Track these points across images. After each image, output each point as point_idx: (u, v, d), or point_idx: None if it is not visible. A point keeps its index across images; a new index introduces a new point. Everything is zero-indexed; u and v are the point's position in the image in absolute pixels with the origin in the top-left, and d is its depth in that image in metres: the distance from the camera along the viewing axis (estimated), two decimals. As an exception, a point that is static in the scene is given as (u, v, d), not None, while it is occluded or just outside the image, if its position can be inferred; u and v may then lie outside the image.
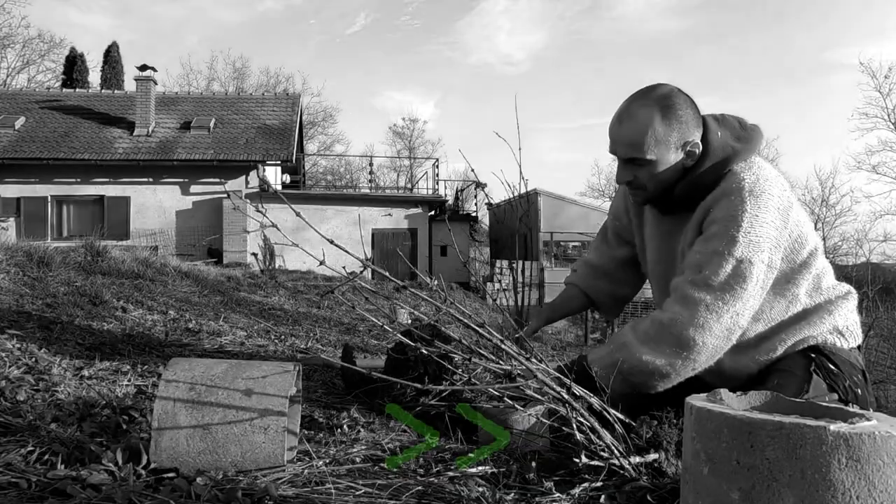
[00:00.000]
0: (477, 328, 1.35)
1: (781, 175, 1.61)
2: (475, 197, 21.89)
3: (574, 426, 1.27)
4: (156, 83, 18.50)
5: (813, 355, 1.61)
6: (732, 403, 1.04)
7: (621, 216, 1.97)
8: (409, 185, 35.55)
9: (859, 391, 1.59)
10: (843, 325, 1.64)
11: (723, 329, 1.49)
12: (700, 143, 1.59)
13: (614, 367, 1.53)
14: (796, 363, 1.60)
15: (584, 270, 2.08)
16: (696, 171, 1.59)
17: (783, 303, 1.62)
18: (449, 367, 1.53)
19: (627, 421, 1.38)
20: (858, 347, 1.71)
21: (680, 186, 1.62)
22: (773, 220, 1.51)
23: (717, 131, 1.61)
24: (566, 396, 1.28)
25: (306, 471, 1.29)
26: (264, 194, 16.28)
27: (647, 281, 1.98)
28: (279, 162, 17.57)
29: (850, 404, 1.57)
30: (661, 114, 1.54)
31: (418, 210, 18.45)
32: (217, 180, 17.32)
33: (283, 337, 3.44)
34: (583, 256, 2.14)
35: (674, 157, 1.57)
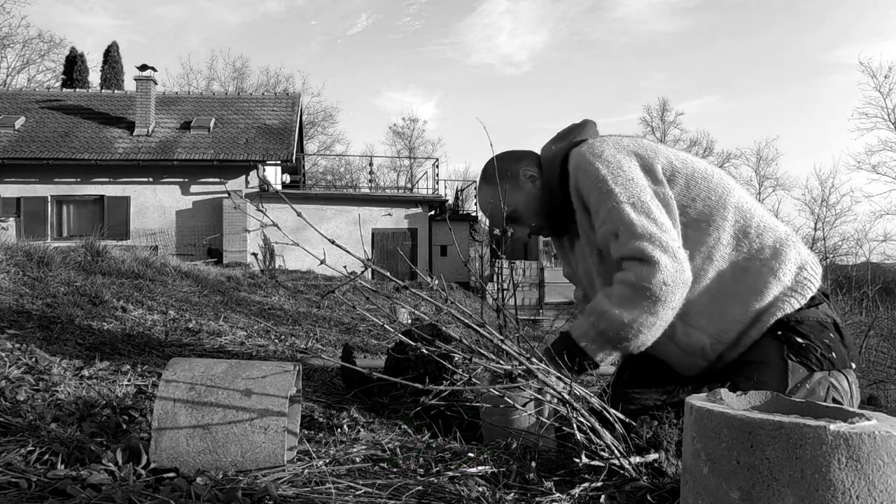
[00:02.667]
0: (477, 328, 1.35)
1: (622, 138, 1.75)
2: (475, 197, 21.88)
3: (574, 426, 1.27)
4: (156, 83, 18.50)
5: (780, 333, 1.58)
6: (732, 403, 1.04)
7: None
8: (409, 185, 35.56)
9: (834, 354, 1.56)
10: (791, 279, 1.60)
11: (674, 259, 1.54)
12: (530, 167, 1.84)
13: (601, 336, 1.59)
14: (769, 350, 1.58)
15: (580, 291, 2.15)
16: (543, 181, 1.82)
17: (704, 249, 1.63)
18: (449, 366, 1.53)
19: (627, 421, 1.38)
20: (826, 296, 1.66)
21: (544, 203, 1.82)
22: (628, 164, 1.64)
23: (550, 147, 1.87)
24: (566, 396, 1.29)
25: (306, 471, 1.29)
26: (264, 194, 16.29)
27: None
28: (279, 162, 17.58)
29: (831, 371, 1.55)
30: (485, 183, 1.87)
31: (418, 210, 18.45)
32: (217, 180, 17.32)
33: (283, 337, 3.44)
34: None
35: (521, 193, 1.83)
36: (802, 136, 60.17)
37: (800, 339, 1.57)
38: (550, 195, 1.80)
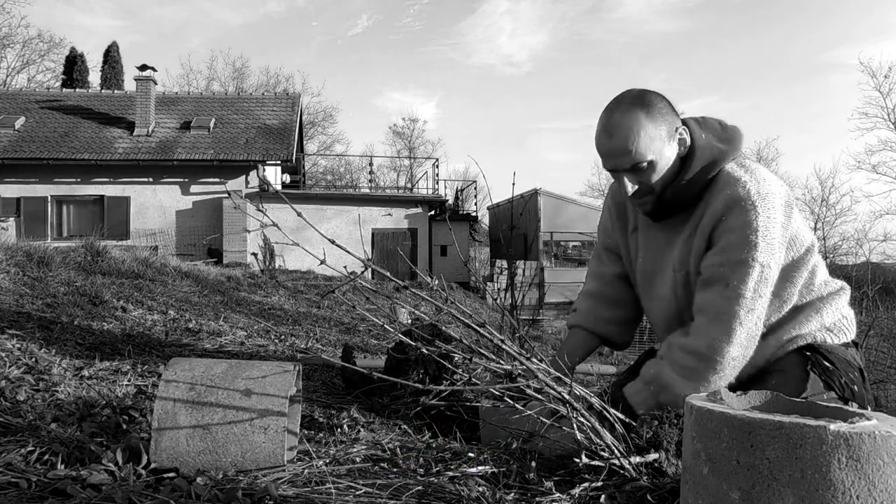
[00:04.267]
0: (477, 328, 1.35)
1: (774, 177, 1.62)
2: (475, 197, 21.89)
3: (575, 426, 1.27)
4: (156, 83, 18.50)
5: (808, 353, 1.61)
6: (732, 403, 1.04)
7: (609, 231, 1.94)
8: (409, 185, 35.56)
9: (856, 388, 1.59)
10: (832, 322, 1.65)
11: (749, 337, 1.51)
12: (686, 133, 1.59)
13: (659, 406, 1.52)
14: (792, 362, 1.60)
15: (585, 305, 1.97)
16: (685, 173, 1.58)
17: (777, 302, 1.62)
18: (449, 366, 1.53)
19: (627, 421, 1.38)
20: (856, 344, 1.71)
21: (669, 191, 1.60)
22: (781, 219, 1.52)
23: (701, 132, 1.61)
24: (567, 396, 1.28)
25: (306, 471, 1.29)
26: (264, 194, 16.28)
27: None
28: (279, 162, 17.57)
29: (849, 402, 1.57)
30: (644, 112, 1.52)
31: (418, 210, 18.45)
32: (217, 180, 17.32)
33: (283, 337, 3.44)
34: (581, 291, 2.04)
35: (669, 150, 1.56)
36: (802, 136, 60.20)
37: (826, 363, 1.60)
38: (685, 188, 1.59)
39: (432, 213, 19.30)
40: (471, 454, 1.43)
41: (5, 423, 1.40)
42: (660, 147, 1.54)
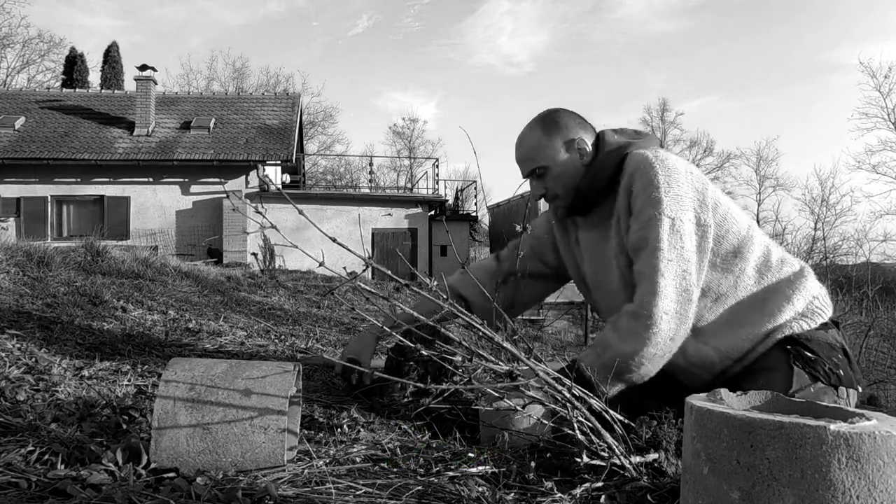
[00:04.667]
0: (479, 327, 1.35)
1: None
2: (475, 197, 21.89)
3: (575, 426, 1.28)
4: (156, 83, 18.50)
5: (789, 347, 1.62)
6: (732, 403, 1.04)
7: (541, 235, 2.10)
8: (409, 185, 35.55)
9: (841, 372, 1.60)
10: (804, 307, 1.67)
11: (677, 290, 1.56)
12: (588, 140, 1.79)
13: (606, 368, 1.57)
14: (776, 359, 1.61)
15: (462, 278, 2.14)
16: (595, 163, 1.77)
17: (730, 278, 1.66)
18: (449, 367, 1.53)
19: (627, 421, 1.38)
20: (836, 324, 1.72)
21: (583, 180, 1.76)
22: (686, 179, 1.63)
23: (614, 136, 1.82)
24: (567, 396, 1.29)
25: (306, 471, 1.29)
26: (264, 194, 16.28)
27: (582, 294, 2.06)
28: (279, 162, 17.58)
29: (837, 388, 1.57)
30: (541, 127, 1.80)
31: (418, 210, 18.45)
32: (217, 180, 17.32)
33: (283, 337, 3.44)
34: (474, 263, 2.23)
35: (564, 156, 1.78)
36: (802, 136, 60.25)
37: (808, 353, 1.61)
38: (593, 179, 1.76)
39: (432, 213, 19.30)
40: (471, 454, 1.43)
41: (5, 423, 1.40)
42: (552, 155, 1.78)
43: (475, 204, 21.81)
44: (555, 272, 2.11)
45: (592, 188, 1.76)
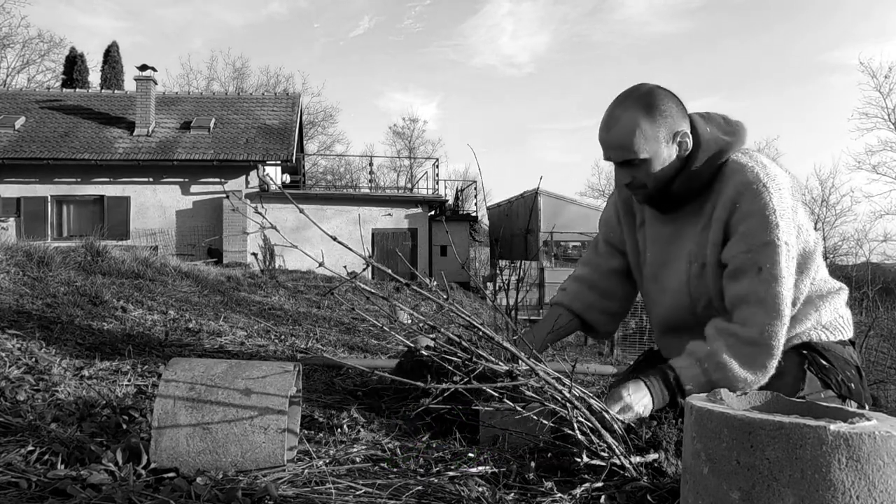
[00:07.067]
0: (479, 326, 1.35)
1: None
2: (475, 197, 21.89)
3: (575, 426, 1.27)
4: (156, 83, 18.49)
5: (805, 352, 1.62)
6: (732, 403, 1.04)
7: (613, 226, 1.96)
8: (409, 185, 35.54)
9: (853, 385, 1.60)
10: (828, 321, 1.66)
11: (789, 314, 1.52)
12: (690, 134, 1.61)
13: (711, 385, 1.50)
14: (790, 361, 1.60)
15: (573, 287, 1.98)
16: (692, 164, 1.61)
17: (794, 291, 1.61)
18: (450, 369, 1.52)
19: (626, 422, 1.38)
20: (853, 343, 1.72)
21: (678, 181, 1.63)
22: (790, 202, 1.56)
23: (706, 126, 1.65)
24: (567, 396, 1.29)
25: (306, 471, 1.29)
26: (264, 194, 16.28)
27: (640, 290, 1.93)
28: (279, 162, 17.57)
29: (846, 400, 1.57)
30: (644, 112, 1.56)
31: (418, 210, 18.44)
32: (217, 180, 17.31)
33: (283, 337, 3.44)
34: (571, 275, 2.04)
35: (666, 151, 1.59)
36: (802, 136, 60.22)
37: (823, 361, 1.60)
38: (689, 182, 1.62)
39: (432, 213, 19.30)
40: (471, 454, 1.43)
41: (5, 423, 1.40)
42: (655, 147, 1.57)
43: (475, 204, 21.81)
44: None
45: (687, 191, 1.63)
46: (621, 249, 1.94)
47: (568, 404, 1.29)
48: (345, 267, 1.41)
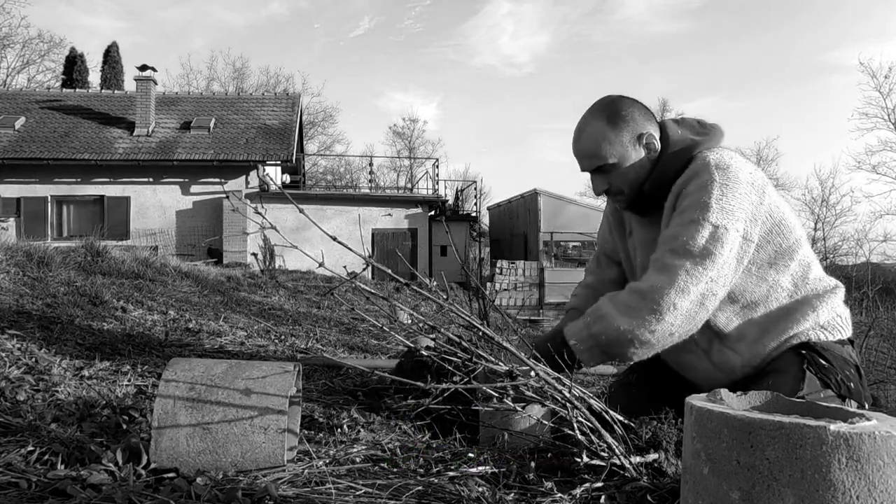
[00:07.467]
0: (479, 326, 1.35)
1: (750, 162, 1.66)
2: (475, 197, 21.89)
3: (575, 426, 1.27)
4: (156, 83, 18.49)
5: (804, 352, 1.62)
6: (732, 403, 1.04)
7: (607, 238, 2.05)
8: (409, 185, 35.53)
9: (852, 385, 1.59)
10: (826, 320, 1.66)
11: (699, 293, 1.51)
12: (656, 135, 1.68)
13: (592, 339, 1.55)
14: (789, 361, 1.60)
15: (584, 293, 2.06)
16: (659, 162, 1.67)
17: (763, 287, 1.63)
18: (451, 369, 1.52)
19: (626, 422, 1.38)
20: (851, 342, 1.72)
21: (648, 181, 1.68)
22: (744, 191, 1.56)
23: (678, 129, 1.71)
24: (567, 396, 1.29)
25: (306, 471, 1.29)
26: (264, 194, 16.28)
27: None
28: (279, 162, 17.57)
29: (846, 399, 1.57)
30: (607, 119, 1.67)
31: (418, 210, 18.45)
32: (217, 180, 17.32)
33: (283, 337, 3.44)
34: (580, 283, 2.13)
35: (634, 153, 1.67)
36: (802, 136, 60.23)
37: (823, 361, 1.60)
38: (658, 180, 1.67)
39: (432, 213, 19.30)
40: (471, 454, 1.43)
41: (5, 423, 1.40)
42: (621, 150, 1.66)
43: (475, 204, 21.82)
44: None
45: (657, 189, 1.68)
46: (616, 260, 2.03)
47: (568, 404, 1.29)
48: (345, 267, 1.41)
